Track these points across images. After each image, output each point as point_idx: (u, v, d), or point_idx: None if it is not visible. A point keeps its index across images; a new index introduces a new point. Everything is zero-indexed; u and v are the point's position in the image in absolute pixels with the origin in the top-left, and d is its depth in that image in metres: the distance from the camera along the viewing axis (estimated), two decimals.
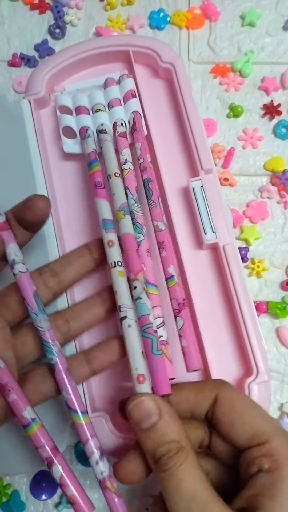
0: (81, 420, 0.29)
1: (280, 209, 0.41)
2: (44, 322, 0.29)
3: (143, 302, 0.31)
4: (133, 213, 0.34)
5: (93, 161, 0.37)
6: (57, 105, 0.39)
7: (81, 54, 0.39)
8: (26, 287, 0.29)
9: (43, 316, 0.29)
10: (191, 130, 0.36)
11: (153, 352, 0.29)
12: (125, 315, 0.31)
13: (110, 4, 0.46)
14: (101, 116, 0.38)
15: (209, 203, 0.35)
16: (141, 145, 0.37)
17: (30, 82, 0.39)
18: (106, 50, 0.39)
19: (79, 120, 0.38)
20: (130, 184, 0.35)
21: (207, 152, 0.36)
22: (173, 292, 0.33)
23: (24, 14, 0.47)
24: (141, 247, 0.33)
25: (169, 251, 0.34)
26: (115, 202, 0.34)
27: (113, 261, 0.32)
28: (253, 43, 0.45)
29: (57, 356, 0.29)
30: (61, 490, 0.28)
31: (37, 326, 0.29)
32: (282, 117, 0.43)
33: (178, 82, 0.38)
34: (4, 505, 0.37)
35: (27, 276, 0.29)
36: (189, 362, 0.31)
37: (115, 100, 0.38)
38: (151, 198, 0.35)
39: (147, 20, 0.46)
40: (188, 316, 0.32)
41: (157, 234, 0.34)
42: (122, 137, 0.37)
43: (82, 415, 0.29)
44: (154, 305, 0.32)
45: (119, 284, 0.32)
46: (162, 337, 0.31)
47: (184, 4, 0.46)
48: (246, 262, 0.40)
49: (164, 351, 0.31)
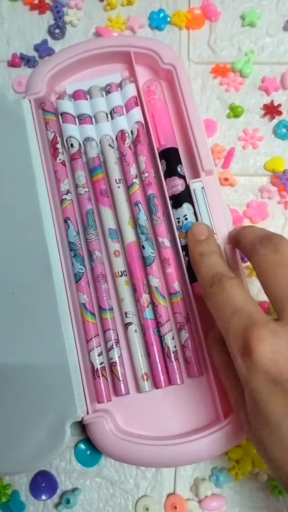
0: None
1: (280, 210, 0.41)
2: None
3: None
4: (145, 228, 0.36)
5: (97, 168, 0.37)
6: (59, 111, 0.39)
7: (82, 54, 0.39)
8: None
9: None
10: (192, 131, 0.36)
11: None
12: (131, 321, 0.35)
13: (110, 4, 0.46)
14: (104, 127, 0.38)
15: (209, 204, 0.35)
16: (145, 158, 0.37)
17: (30, 82, 0.39)
18: (107, 50, 0.39)
19: (82, 130, 0.38)
20: (140, 199, 0.37)
21: (208, 154, 0.36)
22: (177, 306, 0.35)
23: (24, 14, 0.47)
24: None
25: (174, 268, 0.36)
26: (122, 213, 0.37)
27: (119, 270, 0.36)
28: (253, 43, 0.45)
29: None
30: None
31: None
32: (282, 117, 0.43)
33: (179, 84, 0.38)
34: (4, 505, 0.37)
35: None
36: (191, 370, 0.34)
37: (118, 108, 0.38)
38: (156, 214, 0.36)
39: (147, 21, 0.46)
40: (191, 330, 0.35)
41: (162, 251, 0.35)
42: (129, 149, 0.38)
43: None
44: (164, 316, 0.35)
45: (125, 292, 0.36)
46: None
47: (184, 5, 0.46)
48: (246, 263, 0.40)
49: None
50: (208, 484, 0.37)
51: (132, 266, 0.36)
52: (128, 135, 0.38)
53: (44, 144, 0.38)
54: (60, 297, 0.34)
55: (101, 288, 0.36)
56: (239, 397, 0.29)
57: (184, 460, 0.33)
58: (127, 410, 0.35)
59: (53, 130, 0.39)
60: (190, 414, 0.34)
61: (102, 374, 0.34)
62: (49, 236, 0.36)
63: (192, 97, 0.37)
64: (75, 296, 0.36)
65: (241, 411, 0.28)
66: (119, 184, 0.37)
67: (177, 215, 0.36)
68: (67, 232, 0.37)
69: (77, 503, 0.37)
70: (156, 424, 0.34)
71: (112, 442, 0.33)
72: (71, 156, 0.38)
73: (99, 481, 0.38)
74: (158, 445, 0.32)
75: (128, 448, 0.32)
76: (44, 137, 0.39)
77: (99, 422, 0.33)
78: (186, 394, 0.35)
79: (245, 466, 0.36)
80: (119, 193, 0.37)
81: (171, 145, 0.37)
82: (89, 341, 0.35)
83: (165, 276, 0.36)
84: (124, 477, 0.38)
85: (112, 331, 0.35)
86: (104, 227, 0.37)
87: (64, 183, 0.37)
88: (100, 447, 0.33)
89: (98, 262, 0.36)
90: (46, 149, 0.39)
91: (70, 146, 0.38)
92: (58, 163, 0.38)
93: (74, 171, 0.38)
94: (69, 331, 0.34)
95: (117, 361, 0.35)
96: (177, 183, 0.36)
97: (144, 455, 0.32)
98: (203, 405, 0.34)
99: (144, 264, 0.36)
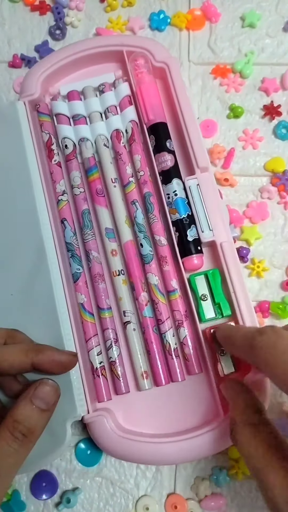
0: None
1: (280, 210, 0.41)
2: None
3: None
4: (143, 226, 0.36)
5: (93, 168, 0.38)
6: (53, 112, 0.39)
7: (75, 55, 0.40)
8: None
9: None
10: (186, 128, 0.37)
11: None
12: (129, 319, 0.35)
13: (110, 6, 0.46)
14: (98, 127, 0.38)
15: (205, 201, 0.35)
16: (140, 157, 0.37)
17: (24, 84, 0.39)
18: (100, 50, 0.40)
19: (77, 130, 0.38)
20: (137, 198, 0.37)
21: (203, 151, 0.36)
22: (176, 304, 0.35)
23: (25, 15, 0.47)
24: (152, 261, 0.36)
25: (171, 265, 0.36)
26: (119, 212, 0.37)
27: (116, 269, 0.36)
28: (253, 44, 0.45)
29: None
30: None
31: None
32: (282, 118, 0.43)
33: (172, 81, 0.38)
34: (5, 505, 0.37)
35: None
36: (191, 368, 0.34)
37: (112, 107, 0.38)
38: (152, 212, 0.36)
39: (147, 22, 0.46)
40: (190, 327, 0.35)
41: (159, 249, 0.35)
42: (124, 148, 0.38)
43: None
44: (164, 314, 0.35)
45: (123, 291, 0.36)
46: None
47: (184, 6, 0.46)
48: (246, 262, 0.40)
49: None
50: (208, 484, 0.37)
51: (130, 264, 0.36)
52: (123, 134, 0.38)
53: (39, 146, 0.38)
54: (58, 298, 0.35)
55: (99, 288, 0.36)
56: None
57: (185, 457, 0.33)
58: (127, 409, 0.35)
59: (48, 132, 0.39)
60: (190, 411, 0.34)
61: (101, 373, 0.34)
62: (46, 237, 0.36)
63: (186, 94, 0.37)
64: (73, 296, 0.36)
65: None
66: (115, 183, 0.38)
67: (166, 191, 0.36)
68: (64, 233, 0.37)
69: (77, 502, 0.37)
70: (157, 422, 0.35)
71: (113, 440, 0.33)
72: (66, 157, 0.38)
73: (100, 481, 0.38)
74: (158, 443, 0.33)
75: (129, 446, 0.32)
76: (39, 138, 0.39)
77: (100, 421, 0.33)
78: (185, 392, 0.35)
79: (245, 466, 0.36)
80: (115, 192, 0.37)
81: (160, 119, 0.37)
82: (88, 341, 0.35)
83: (163, 274, 0.36)
84: (124, 476, 0.38)
85: (111, 330, 0.35)
86: (100, 227, 0.37)
87: (60, 184, 0.38)
88: (101, 445, 0.33)
89: (95, 261, 0.36)
90: (41, 150, 0.39)
91: (65, 147, 0.38)
92: (54, 164, 0.38)
93: (70, 171, 0.38)
94: (68, 331, 0.34)
95: (117, 360, 0.35)
96: (166, 159, 0.36)
97: (145, 453, 0.33)
98: (203, 402, 0.35)
99: (142, 263, 0.36)
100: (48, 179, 0.38)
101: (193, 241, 0.35)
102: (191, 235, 0.35)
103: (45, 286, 0.35)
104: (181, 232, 0.35)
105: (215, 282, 0.35)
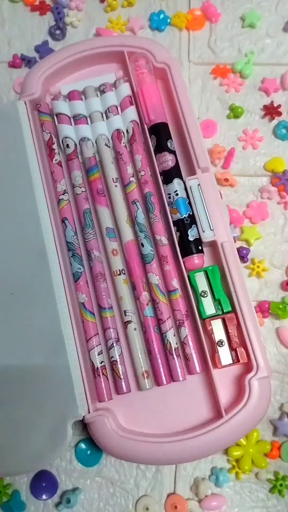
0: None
1: (280, 210, 0.41)
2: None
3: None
4: (144, 226, 0.36)
5: (94, 167, 0.38)
6: (54, 112, 0.39)
7: (76, 55, 0.40)
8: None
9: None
10: (187, 129, 0.37)
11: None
12: (130, 319, 0.35)
13: (110, 6, 0.46)
14: (99, 126, 0.38)
15: (206, 201, 0.36)
16: (141, 157, 0.37)
17: (25, 83, 0.39)
18: (101, 50, 0.40)
19: (78, 130, 0.38)
20: (137, 197, 0.37)
21: (203, 151, 0.36)
22: (176, 304, 0.35)
23: (25, 15, 0.47)
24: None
25: (172, 265, 0.36)
26: (120, 212, 0.37)
27: (117, 269, 0.36)
28: (253, 44, 0.45)
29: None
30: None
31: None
32: (282, 118, 0.43)
33: (173, 82, 0.38)
34: (5, 505, 0.37)
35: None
36: (192, 367, 0.34)
37: (113, 107, 0.39)
38: (153, 212, 0.36)
39: (147, 22, 0.46)
40: (191, 326, 0.35)
41: (159, 248, 0.35)
42: (125, 148, 0.38)
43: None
44: (165, 313, 0.35)
45: (124, 291, 0.36)
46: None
47: (184, 6, 0.46)
48: (246, 262, 0.40)
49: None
50: (208, 484, 0.37)
51: (131, 264, 0.36)
52: (123, 134, 0.38)
53: (40, 145, 0.38)
54: (59, 297, 0.35)
55: (100, 287, 0.36)
56: None
57: (186, 457, 0.33)
58: (128, 408, 0.35)
59: (49, 131, 0.39)
60: (191, 411, 0.34)
61: (102, 373, 0.34)
62: (47, 236, 0.36)
63: (186, 95, 0.38)
64: (74, 296, 0.36)
65: None
66: (116, 183, 0.38)
67: (167, 190, 0.36)
68: (64, 232, 0.37)
69: (77, 502, 0.37)
70: (157, 422, 0.34)
71: (114, 440, 0.33)
72: (67, 157, 0.38)
73: (100, 481, 0.38)
74: (159, 442, 0.32)
75: (130, 446, 0.32)
76: (40, 138, 0.39)
77: (101, 420, 0.33)
78: (186, 391, 0.35)
79: (245, 466, 0.36)
80: (116, 192, 0.37)
81: (161, 120, 0.37)
82: (89, 340, 0.35)
83: (164, 274, 0.36)
84: (124, 476, 0.38)
85: (112, 329, 0.35)
86: (101, 226, 0.37)
87: (61, 183, 0.38)
88: (102, 445, 0.33)
89: (96, 261, 0.36)
90: (42, 150, 0.39)
91: (66, 147, 0.38)
92: (55, 164, 0.38)
93: (71, 171, 0.38)
94: (69, 331, 0.34)
95: (118, 360, 0.35)
96: (167, 158, 0.36)
97: (146, 453, 0.32)
98: (204, 402, 0.34)
99: (143, 262, 0.36)
100: (49, 178, 0.38)
101: (194, 241, 0.35)
102: (192, 235, 0.35)
103: (46, 286, 0.35)
104: (182, 232, 0.35)
105: (215, 278, 0.35)
